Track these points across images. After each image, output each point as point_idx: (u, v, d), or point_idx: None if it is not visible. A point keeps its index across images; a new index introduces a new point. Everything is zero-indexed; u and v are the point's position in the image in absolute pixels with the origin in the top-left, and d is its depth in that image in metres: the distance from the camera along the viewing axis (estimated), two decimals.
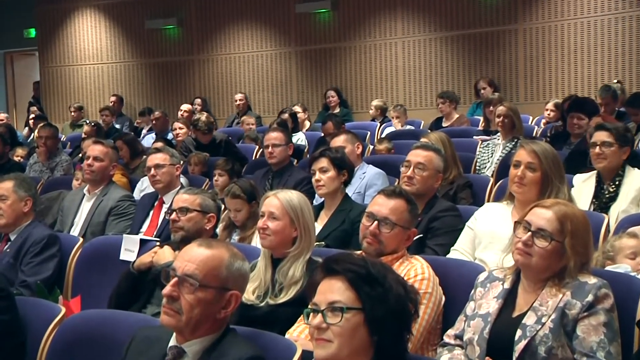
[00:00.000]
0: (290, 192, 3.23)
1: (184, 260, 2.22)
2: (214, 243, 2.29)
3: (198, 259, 2.21)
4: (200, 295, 2.17)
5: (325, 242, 3.86)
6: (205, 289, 2.17)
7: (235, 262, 2.25)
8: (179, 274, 2.19)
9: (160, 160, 4.95)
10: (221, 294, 2.20)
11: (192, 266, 2.19)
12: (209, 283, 2.18)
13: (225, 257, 2.24)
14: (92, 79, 12.67)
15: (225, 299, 2.21)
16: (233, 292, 2.23)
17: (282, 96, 11.51)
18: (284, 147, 5.62)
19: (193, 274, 2.18)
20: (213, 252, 2.23)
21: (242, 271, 2.28)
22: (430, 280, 2.88)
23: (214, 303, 2.19)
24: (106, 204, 4.88)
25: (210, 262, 2.21)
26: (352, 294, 1.95)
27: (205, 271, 2.19)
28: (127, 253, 3.99)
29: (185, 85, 12.13)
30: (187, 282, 2.17)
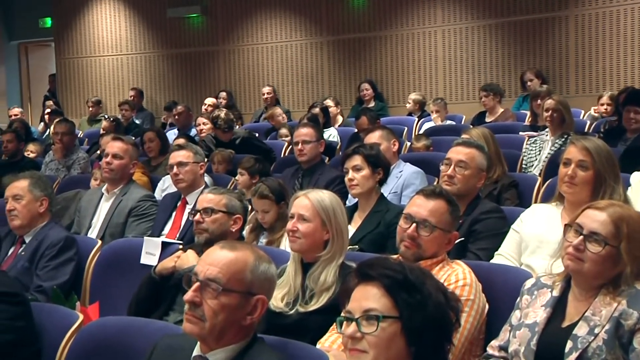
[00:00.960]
0: (322, 192, 3.23)
1: (205, 263, 2.23)
2: (238, 245, 2.30)
3: (221, 262, 2.22)
4: (223, 300, 2.18)
5: (359, 245, 3.86)
6: (229, 293, 2.18)
7: (261, 265, 2.26)
8: (201, 278, 2.20)
9: (183, 158, 4.98)
10: (246, 299, 2.21)
11: (215, 270, 2.20)
12: (233, 287, 2.19)
13: (250, 260, 2.25)
14: (110, 71, 12.79)
15: (251, 305, 2.22)
16: (259, 297, 2.23)
17: (312, 89, 11.52)
18: (314, 144, 5.63)
19: (216, 277, 2.19)
20: (237, 255, 2.24)
21: (269, 275, 2.28)
22: (472, 287, 2.87)
23: (238, 309, 2.20)
24: (126, 204, 4.92)
25: (234, 266, 2.22)
26: (388, 301, 1.95)
27: (229, 275, 2.20)
28: (148, 257, 4.02)
29: (209, 77, 12.20)
30: (209, 287, 2.18)
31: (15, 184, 4.24)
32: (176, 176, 4.94)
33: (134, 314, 3.50)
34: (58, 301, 3.62)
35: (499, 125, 7.70)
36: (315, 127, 5.91)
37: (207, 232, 3.61)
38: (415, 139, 6.94)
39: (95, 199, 5.10)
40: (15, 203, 4.16)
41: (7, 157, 7.81)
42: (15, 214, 4.14)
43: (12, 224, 4.16)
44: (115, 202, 4.97)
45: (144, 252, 4.05)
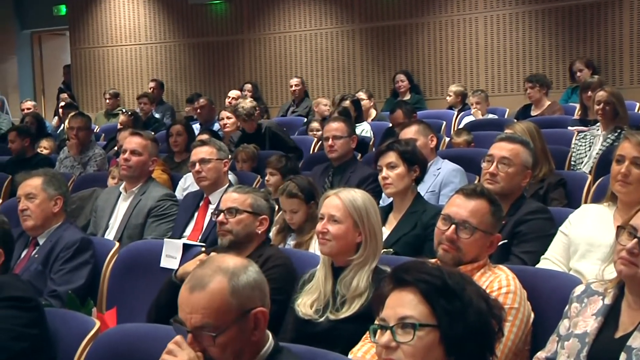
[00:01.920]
0: (354, 191, 3.24)
1: (185, 313, 2.19)
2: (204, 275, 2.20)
3: (199, 306, 2.16)
4: (223, 339, 2.15)
5: (394, 248, 3.86)
6: (225, 331, 2.15)
7: (239, 280, 2.20)
8: (189, 328, 2.17)
9: (206, 155, 5.01)
10: (244, 322, 2.19)
11: (198, 317, 2.16)
12: (225, 323, 2.15)
13: (225, 285, 2.18)
14: (129, 61, 12.87)
15: (251, 322, 2.20)
16: (255, 311, 2.20)
17: (344, 81, 11.52)
18: (346, 140, 5.64)
19: (203, 324, 2.15)
20: (210, 290, 2.17)
21: (251, 282, 2.22)
22: (516, 294, 2.85)
23: (241, 335, 2.18)
24: (145, 203, 4.96)
25: (214, 302, 2.16)
26: (425, 308, 1.94)
27: (214, 315, 2.15)
28: (168, 260, 4.05)
29: (233, 68, 12.24)
30: (203, 335, 2.16)
31: (28, 182, 4.28)
32: (198, 174, 4.97)
33: (153, 320, 3.53)
34: (73, 307, 3.65)
35: (546, 119, 7.64)
36: (347, 121, 5.91)
37: (232, 233, 3.63)
38: (455, 134, 6.92)
39: (113, 198, 5.14)
40: (28, 202, 4.19)
41: (15, 156, 7.89)
42: (28, 214, 4.18)
43: (25, 224, 4.20)
44: (133, 201, 5.01)
45: (164, 254, 4.08)
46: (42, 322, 2.99)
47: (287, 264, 3.51)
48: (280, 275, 3.38)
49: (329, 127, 5.71)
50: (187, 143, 6.81)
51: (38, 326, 2.96)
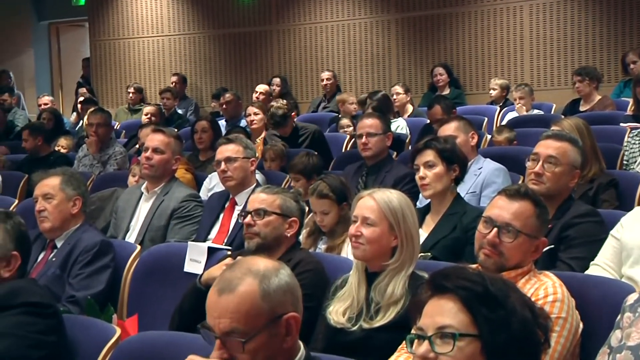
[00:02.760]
0: (389, 192, 3.24)
1: (213, 317, 2.19)
2: (233, 278, 2.21)
3: (228, 310, 2.16)
4: (253, 346, 2.16)
5: (431, 253, 3.85)
6: (255, 336, 2.16)
7: (270, 284, 2.20)
8: (217, 334, 2.18)
9: (232, 153, 5.02)
10: (275, 327, 2.19)
11: (226, 322, 2.16)
12: (254, 329, 2.16)
13: (255, 288, 2.18)
14: (151, 54, 12.94)
15: (283, 328, 2.20)
16: (287, 316, 2.20)
17: (378, 74, 11.51)
18: (380, 137, 5.63)
19: (232, 329, 2.16)
20: (240, 293, 2.17)
21: (283, 286, 2.23)
22: (564, 303, 2.84)
23: (272, 341, 2.19)
24: (168, 204, 4.98)
25: (244, 306, 2.16)
26: (466, 317, 1.94)
27: (244, 320, 2.16)
28: (192, 264, 4.07)
29: (261, 61, 12.27)
30: (232, 341, 2.16)
31: (46, 181, 4.31)
32: (224, 173, 4.98)
33: (176, 328, 3.55)
34: (92, 313, 3.67)
35: (596, 115, 7.59)
36: (382, 117, 5.91)
37: (259, 236, 3.63)
38: (497, 131, 6.89)
39: (134, 199, 5.17)
40: (46, 203, 4.22)
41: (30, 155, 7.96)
42: (45, 215, 4.21)
43: (42, 226, 4.23)
44: (155, 202, 5.04)
45: (188, 258, 4.10)
46: (60, 330, 3.01)
47: (318, 269, 3.52)
48: (310, 281, 3.38)
49: (363, 124, 5.71)
50: (213, 140, 6.83)
51: (56, 333, 2.98)
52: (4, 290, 2.97)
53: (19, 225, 3.22)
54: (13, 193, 6.63)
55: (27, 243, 3.26)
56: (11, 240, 3.14)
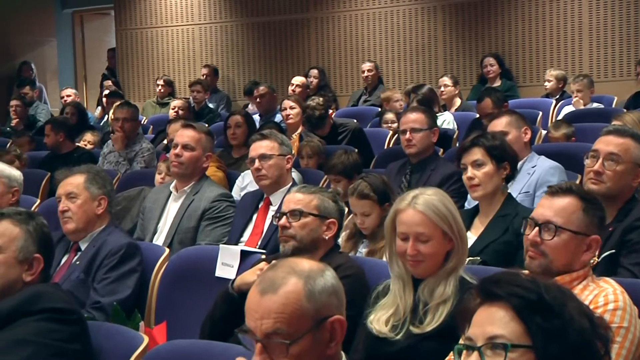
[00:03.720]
0: (427, 195, 3.17)
1: (255, 319, 2.21)
2: (276, 277, 2.24)
3: (272, 310, 2.18)
4: (296, 349, 2.17)
5: (480, 257, 3.84)
6: (299, 340, 2.17)
7: (316, 284, 2.23)
8: (259, 337, 2.19)
9: (267, 150, 5.03)
10: (319, 331, 2.21)
11: (269, 322, 2.18)
12: (299, 331, 2.18)
13: (300, 287, 2.21)
14: (180, 44, 12.98)
15: (327, 332, 2.22)
16: (332, 319, 2.23)
17: (424, 65, 11.47)
18: (426, 133, 5.62)
19: (275, 331, 2.17)
20: (285, 293, 2.19)
21: (329, 287, 2.25)
22: (625, 311, 2.81)
23: (316, 346, 2.20)
24: (198, 204, 5.01)
25: (289, 306, 2.18)
26: (518, 326, 1.93)
27: (288, 321, 2.17)
28: (224, 268, 4.09)
29: (297, 52, 12.28)
30: (274, 344, 2.17)
31: (69, 180, 4.35)
32: (258, 171, 5.00)
33: (207, 336, 3.57)
34: (119, 320, 3.70)
35: None
36: (427, 111, 5.89)
37: (295, 239, 3.65)
38: (553, 127, 6.85)
39: (162, 199, 5.20)
40: (69, 203, 4.27)
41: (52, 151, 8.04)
42: (69, 216, 4.25)
43: (65, 227, 4.27)
44: (185, 202, 5.06)
45: (220, 262, 4.12)
46: (84, 337, 3.04)
47: (358, 274, 3.52)
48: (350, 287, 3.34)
49: (407, 119, 5.70)
50: (247, 136, 6.85)
51: (80, 341, 3.01)
52: (26, 295, 3.00)
53: (42, 227, 3.25)
54: (35, 192, 6.68)
55: (51, 245, 3.29)
56: (34, 243, 3.17)
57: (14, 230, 3.17)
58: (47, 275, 3.26)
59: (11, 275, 3.11)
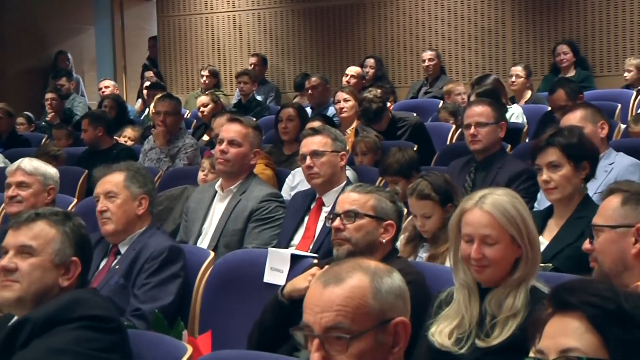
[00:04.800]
0: (497, 196, 3.16)
1: (315, 312, 2.22)
2: (341, 271, 2.27)
3: (334, 303, 2.20)
4: (357, 347, 2.18)
5: (553, 263, 3.81)
6: (361, 336, 2.19)
7: (382, 283, 2.25)
8: (317, 333, 2.20)
9: (319, 146, 5.03)
10: (383, 332, 2.22)
11: (331, 315, 2.19)
12: (362, 327, 2.19)
13: (366, 283, 2.23)
14: (226, 32, 13.02)
15: (391, 334, 2.23)
16: (396, 321, 2.24)
17: (490, 54, 11.40)
18: (492, 127, 5.58)
19: (337, 324, 2.19)
20: (348, 285, 2.22)
21: (395, 289, 2.28)
22: None
23: (378, 349, 2.21)
24: (245, 205, 5.03)
25: (352, 300, 2.21)
26: (594, 338, 1.91)
27: (351, 316, 2.19)
28: (273, 273, 4.11)
29: (352, 39, 12.27)
30: (333, 340, 2.19)
31: (108, 178, 4.39)
32: (309, 169, 5.00)
33: (255, 346, 3.59)
34: (160, 328, 3.72)
35: None
36: (494, 104, 5.85)
37: (350, 242, 3.65)
38: (633, 120, 6.78)
39: (207, 199, 5.22)
40: (108, 202, 4.30)
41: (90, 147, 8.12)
42: (107, 217, 4.29)
43: (103, 228, 4.31)
44: (231, 202, 5.08)
45: (269, 267, 4.14)
46: (124, 347, 3.06)
47: (418, 281, 3.51)
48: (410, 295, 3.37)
49: (471, 112, 5.67)
50: (300, 131, 6.87)
51: (119, 351, 3.02)
52: (63, 301, 3.02)
53: (79, 228, 3.26)
54: (71, 191, 6.74)
55: (89, 248, 3.30)
56: (70, 245, 3.18)
57: (50, 231, 3.17)
58: (85, 280, 3.27)
59: (47, 280, 3.11)
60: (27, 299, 3.05)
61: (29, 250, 3.10)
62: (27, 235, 3.13)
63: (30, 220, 3.17)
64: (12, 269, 3.07)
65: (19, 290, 3.05)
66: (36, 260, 3.11)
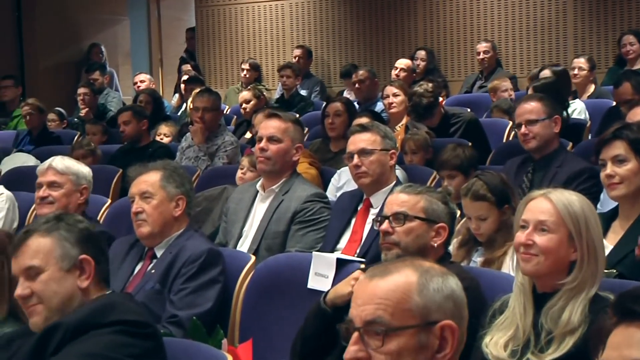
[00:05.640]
0: (569, 193, 3.19)
1: (357, 305, 2.24)
2: (389, 267, 2.30)
3: (376, 296, 2.22)
4: (393, 344, 2.19)
5: (617, 269, 3.78)
6: (400, 332, 2.19)
7: (431, 282, 2.26)
8: (357, 325, 2.22)
9: (368, 144, 5.01)
10: (426, 333, 2.21)
11: (371, 308, 2.21)
12: (402, 323, 2.20)
13: (413, 279, 2.25)
14: (268, 23, 13.04)
15: (436, 337, 2.22)
16: (443, 324, 2.23)
17: (550, 45, 11.33)
18: (544, 123, 5.53)
19: (375, 317, 2.20)
20: (393, 279, 2.25)
21: (446, 291, 2.27)
22: None
23: (419, 349, 2.21)
24: (288, 206, 5.02)
25: (394, 293, 2.22)
26: None
27: (392, 310, 2.21)
28: (318, 279, 4.11)
29: (402, 30, 12.25)
30: (372, 333, 2.20)
31: (144, 177, 4.40)
32: (357, 168, 4.98)
33: (299, 357, 3.59)
34: (198, 336, 3.74)
35: None
36: (545, 99, 5.74)
37: (399, 247, 3.65)
38: None
39: (248, 199, 5.22)
40: (144, 203, 4.31)
41: (127, 144, 8.18)
42: (143, 218, 4.30)
43: (139, 230, 4.33)
44: (273, 203, 5.08)
45: (313, 272, 4.14)
46: (159, 354, 3.07)
47: (472, 288, 3.48)
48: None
49: (520, 110, 5.63)
50: (347, 127, 6.86)
51: (155, 358, 3.04)
52: (95, 306, 3.04)
53: (76, 224, 3.24)
54: (105, 191, 6.80)
55: (94, 239, 3.26)
56: (72, 245, 3.17)
57: (46, 242, 3.16)
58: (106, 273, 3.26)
59: (65, 288, 3.13)
60: (54, 314, 3.08)
61: (35, 270, 3.11)
62: (26, 256, 3.14)
63: (22, 240, 3.18)
64: (28, 295, 3.10)
65: (44, 310, 3.09)
66: (46, 275, 3.12)
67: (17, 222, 6.09)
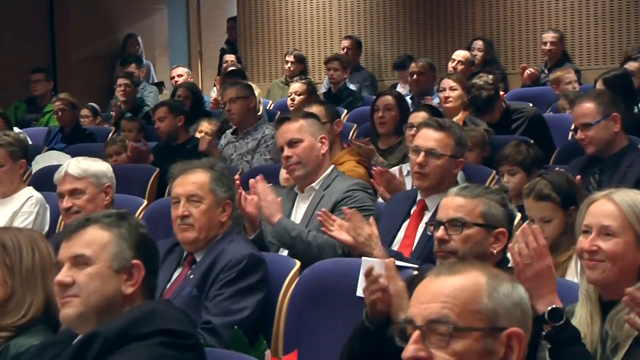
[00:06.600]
0: (633, 192, 3.18)
1: (420, 303, 2.27)
2: (457, 266, 2.34)
3: (442, 294, 2.25)
4: (459, 346, 2.21)
5: None
6: (466, 333, 2.21)
7: (501, 287, 2.29)
8: (419, 324, 2.24)
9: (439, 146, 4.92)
10: (492, 338, 2.23)
11: (436, 306, 2.24)
12: (469, 324, 2.22)
13: (482, 281, 2.28)
14: (314, 12, 13.02)
15: (502, 345, 2.24)
16: (511, 331, 2.25)
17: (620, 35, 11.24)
18: (600, 125, 5.50)
19: (441, 316, 2.22)
20: (461, 278, 2.28)
21: (515, 299, 2.30)
22: None
23: (484, 354, 2.22)
24: (329, 198, 4.95)
25: (462, 293, 2.25)
26: None
27: (459, 309, 2.23)
28: None
29: (459, 20, 12.20)
30: (435, 332, 2.22)
31: (191, 177, 4.35)
32: (420, 167, 4.89)
33: None
34: (240, 347, 3.74)
35: None
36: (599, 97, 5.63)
37: (456, 255, 3.61)
38: None
39: (289, 200, 5.19)
40: (191, 207, 4.27)
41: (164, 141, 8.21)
42: (190, 223, 4.26)
43: (183, 235, 4.30)
44: (314, 200, 5.03)
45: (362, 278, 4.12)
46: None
47: None
48: None
49: (576, 111, 5.61)
50: (399, 123, 6.84)
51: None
52: (136, 314, 3.02)
53: (137, 227, 3.24)
54: (140, 191, 6.80)
55: (151, 248, 3.28)
56: (129, 247, 3.16)
57: (104, 235, 3.16)
58: (153, 285, 3.25)
59: (108, 289, 3.11)
60: (89, 313, 3.06)
61: (84, 260, 3.10)
62: (79, 244, 3.13)
63: (80, 227, 3.17)
64: (69, 283, 3.08)
65: (80, 304, 3.06)
66: (93, 269, 3.10)
67: (47, 226, 6.05)
